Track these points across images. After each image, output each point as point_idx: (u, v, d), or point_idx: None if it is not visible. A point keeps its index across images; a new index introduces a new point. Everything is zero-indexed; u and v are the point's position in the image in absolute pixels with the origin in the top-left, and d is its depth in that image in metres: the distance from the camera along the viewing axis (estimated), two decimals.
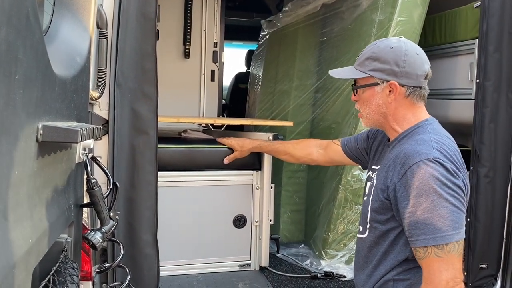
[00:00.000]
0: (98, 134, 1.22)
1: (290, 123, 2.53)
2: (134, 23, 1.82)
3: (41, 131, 0.89)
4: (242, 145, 2.28)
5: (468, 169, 2.48)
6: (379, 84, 1.49)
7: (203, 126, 2.69)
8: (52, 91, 1.00)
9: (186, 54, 4.10)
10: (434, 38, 2.95)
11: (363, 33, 2.62)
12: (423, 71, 1.49)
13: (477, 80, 2.41)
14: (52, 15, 1.34)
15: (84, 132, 1.00)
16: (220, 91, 4.31)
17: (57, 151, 1.11)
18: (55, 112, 1.05)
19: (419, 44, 2.85)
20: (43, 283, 0.98)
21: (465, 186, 1.40)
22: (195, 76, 4.19)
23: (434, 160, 1.35)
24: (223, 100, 6.84)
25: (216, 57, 4.22)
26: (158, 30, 4.01)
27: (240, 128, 3.68)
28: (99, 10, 1.73)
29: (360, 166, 1.96)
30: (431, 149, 1.38)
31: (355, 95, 1.58)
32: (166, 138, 2.39)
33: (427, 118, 1.56)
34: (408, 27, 2.46)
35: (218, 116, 4.33)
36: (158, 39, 3.96)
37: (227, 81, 6.86)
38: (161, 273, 2.25)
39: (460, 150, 2.58)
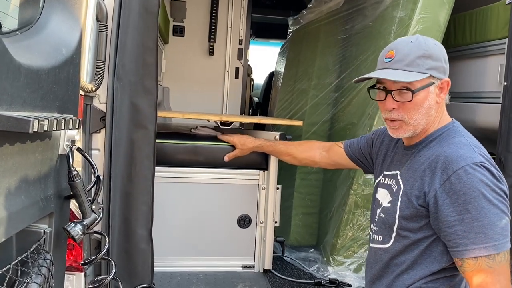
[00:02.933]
0: (72, 126, 1.21)
1: (299, 123, 2.45)
2: (136, 16, 1.80)
3: None
4: (243, 143, 2.22)
5: None
6: (434, 83, 1.38)
7: (215, 124, 2.66)
8: (14, 80, 0.99)
9: (211, 51, 4.10)
10: (464, 37, 2.77)
11: (383, 30, 2.50)
12: (448, 66, 1.43)
13: (505, 83, 2.24)
14: (43, 7, 1.35)
15: (43, 122, 0.98)
16: (244, 89, 4.29)
17: (27, 141, 1.11)
18: (22, 102, 1.04)
19: (446, 44, 2.70)
20: None
21: (508, 191, 1.30)
22: (219, 73, 4.19)
23: (481, 164, 1.27)
24: (256, 99, 6.84)
25: (241, 54, 4.20)
26: (183, 27, 4.10)
27: (262, 127, 3.64)
28: (99, 3, 1.73)
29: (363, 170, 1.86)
30: (474, 154, 1.29)
31: (410, 101, 1.36)
32: (173, 133, 2.38)
33: (452, 119, 1.46)
34: (430, 24, 2.31)
35: (241, 114, 4.30)
36: (183, 36, 4.08)
37: (263, 79, 6.82)
38: (162, 269, 2.26)
39: None
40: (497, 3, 2.47)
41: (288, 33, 4.06)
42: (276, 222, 2.38)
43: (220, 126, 2.42)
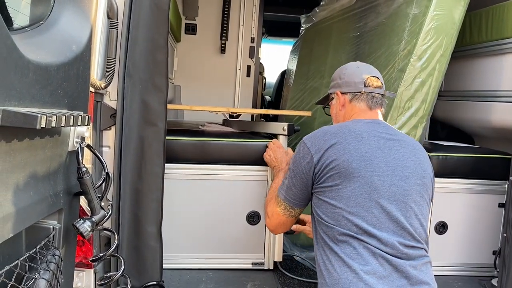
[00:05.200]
0: (81, 122, 1.21)
1: (308, 113, 2.43)
2: (147, 14, 1.80)
3: None
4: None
5: (506, 179, 2.26)
6: (333, 98, 1.82)
7: (223, 115, 2.64)
8: (23, 77, 0.99)
9: (222, 49, 4.10)
10: (480, 35, 2.71)
11: (397, 28, 2.46)
12: (360, 79, 1.73)
13: None
14: (54, 4, 1.35)
15: (51, 118, 0.98)
16: (255, 87, 4.28)
17: (36, 137, 1.11)
18: (30, 98, 1.04)
19: (461, 42, 2.65)
20: (7, 267, 0.98)
21: (315, 161, 1.53)
22: (231, 71, 4.19)
23: (301, 141, 1.63)
24: (268, 97, 6.82)
25: (253, 52, 4.19)
26: (196, 25, 4.10)
27: (275, 119, 3.62)
28: (110, 0, 1.74)
29: None
30: (311, 133, 1.64)
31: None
32: (182, 130, 2.38)
33: (354, 119, 1.69)
34: (444, 22, 2.26)
35: None
36: (195, 34, 4.09)
37: (275, 78, 6.79)
38: (171, 266, 2.27)
39: (504, 158, 2.38)
40: None
41: (300, 31, 4.04)
42: None
43: (228, 118, 2.40)
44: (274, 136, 2.30)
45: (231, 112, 2.41)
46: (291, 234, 2.48)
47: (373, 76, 1.75)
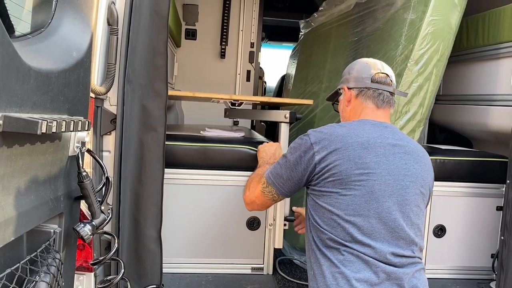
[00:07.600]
0: (81, 128, 1.23)
1: (310, 101, 2.44)
2: (147, 20, 1.83)
3: (0, 121, 0.90)
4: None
5: (504, 182, 2.27)
6: (341, 93, 1.77)
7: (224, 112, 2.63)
8: (24, 83, 1.01)
9: (222, 54, 4.13)
10: (477, 40, 2.74)
11: (394, 33, 2.48)
12: (368, 74, 1.68)
13: None
14: (54, 11, 1.38)
15: (51, 124, 1.00)
16: (255, 92, 4.31)
17: (36, 142, 1.13)
18: (32, 104, 1.07)
19: (458, 46, 2.68)
20: (8, 270, 1.00)
21: (316, 160, 1.50)
22: (231, 76, 4.22)
23: (303, 134, 1.60)
24: None
25: (253, 57, 4.22)
26: (196, 30, 4.14)
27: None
28: (110, 7, 1.76)
29: None
30: (314, 129, 1.61)
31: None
32: (182, 135, 2.39)
33: (362, 119, 1.65)
34: (441, 26, 2.29)
35: None
36: (195, 39, 4.12)
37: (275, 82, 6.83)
38: (171, 270, 2.28)
39: (501, 162, 2.40)
40: (510, 4, 2.43)
41: (299, 35, 4.08)
42: (285, 224, 2.38)
43: (230, 107, 2.42)
44: (276, 123, 2.29)
45: (234, 100, 2.40)
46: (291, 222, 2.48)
47: (382, 73, 1.68)
